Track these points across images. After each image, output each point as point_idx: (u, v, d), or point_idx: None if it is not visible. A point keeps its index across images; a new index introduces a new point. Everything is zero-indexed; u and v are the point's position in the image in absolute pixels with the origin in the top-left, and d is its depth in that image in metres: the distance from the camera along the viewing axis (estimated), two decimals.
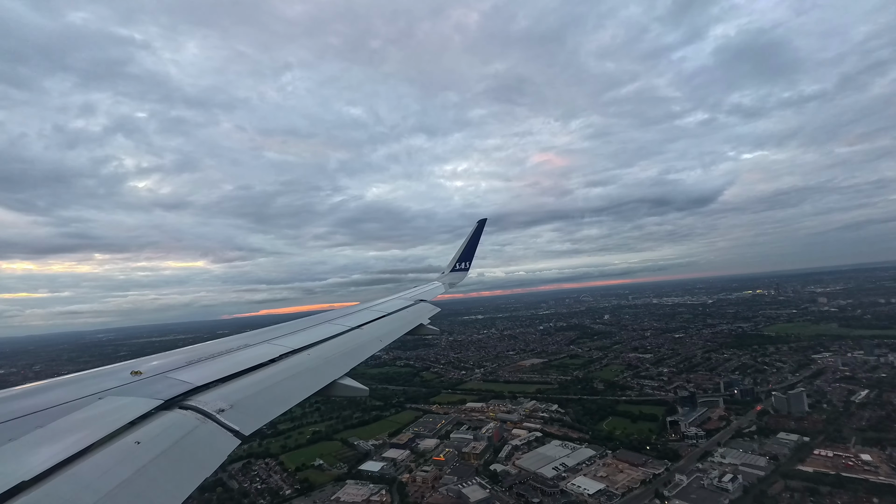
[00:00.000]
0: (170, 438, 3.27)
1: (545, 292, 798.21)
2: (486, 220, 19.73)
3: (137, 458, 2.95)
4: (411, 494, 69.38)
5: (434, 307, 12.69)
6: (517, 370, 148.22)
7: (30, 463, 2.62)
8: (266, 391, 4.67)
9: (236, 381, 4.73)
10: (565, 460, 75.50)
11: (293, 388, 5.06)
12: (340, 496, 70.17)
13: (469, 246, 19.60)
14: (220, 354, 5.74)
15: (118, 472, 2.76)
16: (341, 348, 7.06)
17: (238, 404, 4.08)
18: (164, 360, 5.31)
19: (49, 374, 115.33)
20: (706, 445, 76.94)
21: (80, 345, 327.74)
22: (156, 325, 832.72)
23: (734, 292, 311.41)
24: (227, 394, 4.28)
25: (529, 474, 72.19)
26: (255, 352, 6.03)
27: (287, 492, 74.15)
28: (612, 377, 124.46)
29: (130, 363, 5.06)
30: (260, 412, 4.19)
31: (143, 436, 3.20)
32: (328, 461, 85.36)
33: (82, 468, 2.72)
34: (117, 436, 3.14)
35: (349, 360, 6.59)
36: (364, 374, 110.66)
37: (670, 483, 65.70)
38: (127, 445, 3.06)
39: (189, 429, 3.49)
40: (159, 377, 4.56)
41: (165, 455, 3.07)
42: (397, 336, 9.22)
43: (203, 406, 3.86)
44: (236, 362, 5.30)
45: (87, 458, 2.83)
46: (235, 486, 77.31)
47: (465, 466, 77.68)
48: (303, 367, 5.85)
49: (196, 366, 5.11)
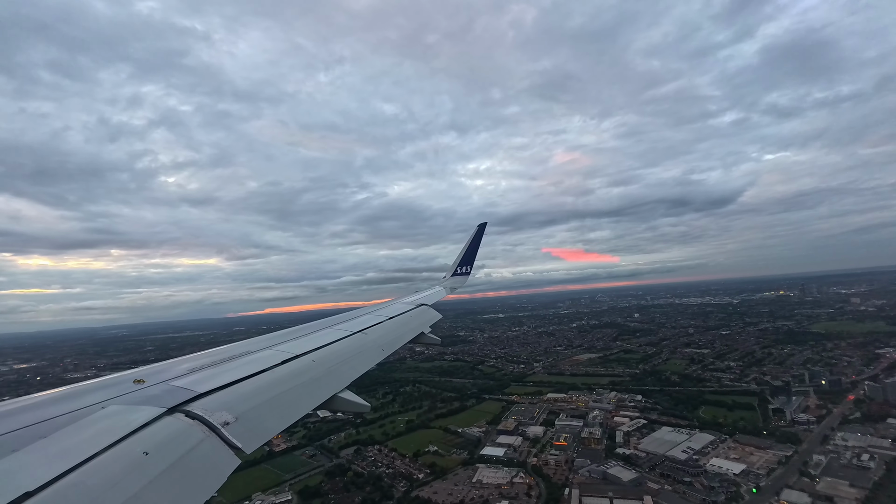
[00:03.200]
0: (176, 452, 3.25)
1: (555, 293, 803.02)
2: (486, 224, 19.54)
3: (145, 470, 2.92)
4: (552, 476, 71.03)
5: (436, 314, 12.33)
6: (576, 364, 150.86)
7: (34, 473, 2.58)
8: (268, 403, 4.61)
9: (239, 390, 4.66)
10: (689, 444, 77.91)
11: (295, 400, 4.97)
12: (481, 479, 71.52)
13: (470, 250, 19.38)
14: (223, 361, 5.64)
15: (126, 485, 2.73)
16: (343, 357, 6.87)
17: (242, 417, 4.04)
18: (167, 367, 5.28)
19: (85, 367, 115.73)
20: (820, 430, 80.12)
21: (98, 340, 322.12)
22: (165, 322, 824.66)
23: (753, 294, 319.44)
24: (231, 404, 4.22)
25: (660, 457, 74.41)
26: (257, 358, 5.90)
27: (419, 475, 75.21)
28: (681, 370, 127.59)
29: (133, 372, 5.00)
30: (262, 427, 4.14)
31: (151, 446, 3.18)
32: (442, 448, 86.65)
33: (89, 477, 2.69)
34: (123, 445, 3.11)
35: (351, 372, 6.39)
36: (418, 368, 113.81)
37: (808, 463, 68.51)
38: (134, 456, 3.02)
39: (194, 443, 3.46)
40: (162, 385, 4.51)
41: (172, 470, 3.05)
42: (399, 345, 8.97)
43: (208, 417, 3.82)
44: (239, 370, 5.21)
45: (94, 467, 2.79)
46: (363, 471, 78.02)
47: (589, 451, 79.58)
48: (306, 377, 5.69)
49: (198, 373, 5.02)
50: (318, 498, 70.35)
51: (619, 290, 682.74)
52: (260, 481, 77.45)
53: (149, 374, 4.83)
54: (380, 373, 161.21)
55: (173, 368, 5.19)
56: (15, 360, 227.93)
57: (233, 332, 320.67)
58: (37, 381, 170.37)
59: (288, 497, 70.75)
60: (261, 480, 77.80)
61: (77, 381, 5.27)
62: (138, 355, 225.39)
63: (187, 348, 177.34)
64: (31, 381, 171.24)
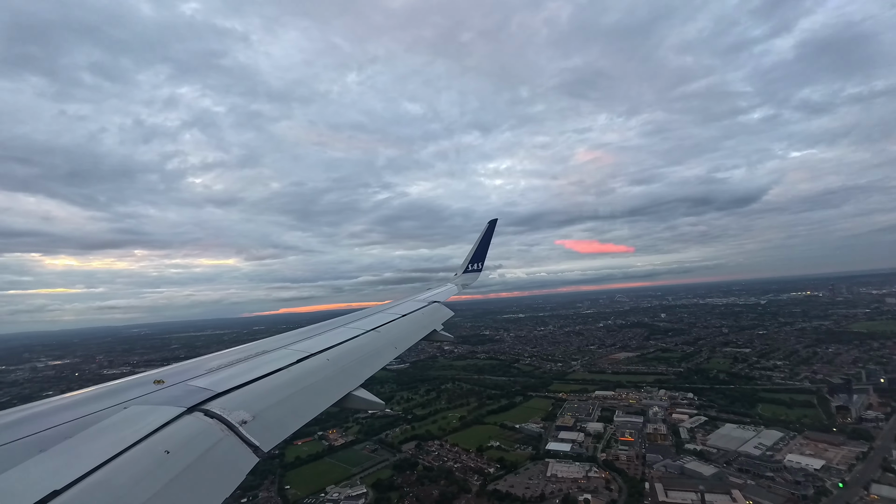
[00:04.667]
0: (196, 450, 3.32)
1: (570, 294, 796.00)
2: (496, 221, 19.37)
3: (167, 468, 3.00)
4: (626, 471, 71.01)
5: (448, 311, 12.27)
6: (614, 362, 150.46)
7: (61, 471, 2.65)
8: (284, 402, 4.65)
9: (255, 389, 4.74)
10: (758, 440, 77.59)
11: (311, 399, 5.02)
12: (556, 473, 71.68)
13: (481, 246, 19.12)
14: (239, 361, 5.72)
15: (149, 483, 2.81)
16: (357, 355, 6.89)
17: (259, 416, 4.11)
18: (186, 368, 5.35)
19: (119, 364, 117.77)
20: (890, 427, 79.46)
21: (123, 338, 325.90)
22: (183, 321, 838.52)
23: (778, 294, 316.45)
24: (248, 402, 4.30)
25: (733, 453, 74.17)
26: (273, 358, 5.95)
27: (490, 470, 75.50)
28: (727, 368, 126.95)
29: (153, 373, 5.10)
30: (279, 426, 4.20)
31: (172, 444, 3.25)
32: (504, 443, 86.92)
33: (113, 475, 2.75)
34: (145, 444, 3.19)
35: (365, 370, 6.42)
36: (453, 366, 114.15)
37: (888, 458, 67.93)
38: (156, 454, 3.10)
39: (214, 441, 3.53)
40: (181, 385, 4.60)
41: (193, 467, 3.13)
42: (412, 343, 9.01)
43: (226, 415, 3.90)
44: (255, 369, 5.30)
45: (118, 465, 2.87)
46: (432, 465, 78.45)
47: (657, 446, 79.46)
48: (320, 375, 5.71)
49: (216, 373, 5.14)
50: (392, 491, 70.78)
51: (636, 290, 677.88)
52: (329, 474, 78.25)
53: (168, 375, 4.93)
54: (416, 371, 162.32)
55: (191, 369, 5.27)
56: (48, 357, 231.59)
57: (253, 331, 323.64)
58: (76, 377, 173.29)
59: (362, 490, 71.27)
60: (329, 474, 78.57)
61: (114, 377, 5.60)
62: (167, 353, 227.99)
63: (214, 346, 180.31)
64: (70, 377, 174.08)
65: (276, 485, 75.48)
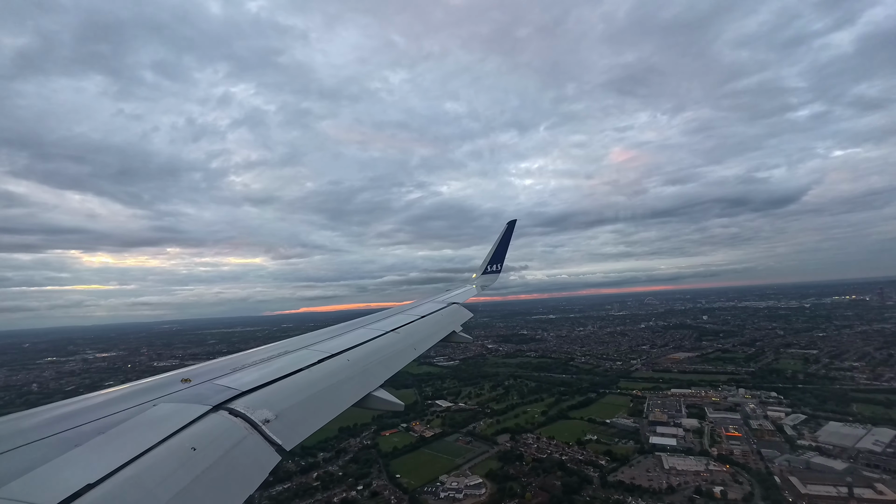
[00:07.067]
0: (221, 448, 3.43)
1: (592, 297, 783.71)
2: (515, 222, 19.08)
3: (194, 465, 3.12)
4: (750, 467, 69.96)
5: (468, 313, 12.28)
6: (676, 362, 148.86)
7: (95, 466, 2.81)
8: (306, 401, 4.75)
9: (278, 388, 4.84)
10: (873, 437, 76.09)
11: (331, 399, 5.13)
12: (674, 466, 70.95)
13: (500, 248, 18.79)
14: (262, 361, 5.86)
15: (177, 478, 2.95)
16: (377, 356, 6.99)
17: (281, 415, 4.22)
18: (211, 367, 5.49)
19: (166, 357, 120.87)
20: None
21: (158, 334, 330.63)
22: (209, 318, 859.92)
23: (819, 298, 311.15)
24: (271, 402, 4.41)
25: (852, 449, 72.82)
26: (295, 358, 6.08)
27: (601, 462, 74.93)
28: (802, 369, 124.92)
29: (180, 372, 5.23)
30: (301, 424, 4.30)
31: (198, 442, 3.37)
32: (602, 437, 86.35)
33: (143, 470, 2.89)
34: (173, 441, 3.32)
35: (385, 371, 6.53)
36: (506, 364, 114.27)
37: None
38: (183, 451, 3.22)
39: (238, 439, 3.64)
40: (207, 384, 4.73)
41: (218, 465, 3.24)
42: (431, 344, 9.12)
43: (250, 414, 4.02)
44: (278, 369, 5.41)
45: (147, 460, 3.01)
46: (541, 457, 78.03)
47: (767, 442, 78.34)
48: (341, 376, 5.82)
49: (240, 372, 5.27)
50: (509, 481, 70.39)
51: (663, 293, 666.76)
52: (433, 464, 78.21)
53: (195, 374, 5.06)
54: (469, 367, 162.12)
55: (217, 368, 5.40)
56: (94, 350, 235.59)
57: (283, 328, 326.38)
58: (128, 368, 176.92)
59: (478, 479, 71.10)
60: (433, 464, 78.53)
61: (165, 368, 5.85)
62: (208, 347, 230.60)
63: (251, 342, 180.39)
64: (123, 367, 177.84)
65: (384, 473, 75.69)
